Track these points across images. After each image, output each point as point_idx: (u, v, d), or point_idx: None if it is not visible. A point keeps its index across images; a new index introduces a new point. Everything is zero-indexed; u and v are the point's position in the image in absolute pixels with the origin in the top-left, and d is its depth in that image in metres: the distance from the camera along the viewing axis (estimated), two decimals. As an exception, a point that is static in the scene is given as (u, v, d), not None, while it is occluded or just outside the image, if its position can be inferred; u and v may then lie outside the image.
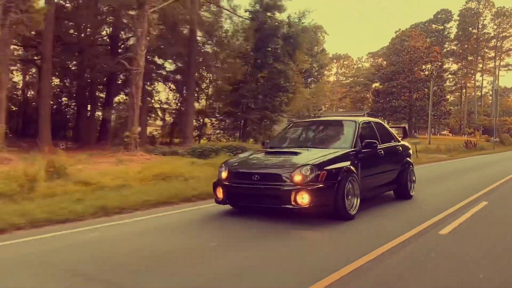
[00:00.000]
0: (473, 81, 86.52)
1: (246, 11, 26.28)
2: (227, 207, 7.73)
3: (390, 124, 54.54)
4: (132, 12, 19.51)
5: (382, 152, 8.58)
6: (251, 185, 6.83)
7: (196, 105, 28.87)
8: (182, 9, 21.55)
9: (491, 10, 77.43)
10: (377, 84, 73.52)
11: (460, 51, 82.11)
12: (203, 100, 30.44)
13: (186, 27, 23.75)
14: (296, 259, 4.74)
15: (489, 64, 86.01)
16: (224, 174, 7.41)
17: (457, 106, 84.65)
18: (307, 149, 7.74)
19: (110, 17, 23.78)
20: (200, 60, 25.53)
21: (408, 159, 9.88)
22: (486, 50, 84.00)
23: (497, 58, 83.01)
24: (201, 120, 31.22)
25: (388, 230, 5.97)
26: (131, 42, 24.71)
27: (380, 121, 9.96)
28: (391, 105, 60.81)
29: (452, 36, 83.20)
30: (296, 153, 7.49)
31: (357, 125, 8.21)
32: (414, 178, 9.94)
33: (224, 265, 4.56)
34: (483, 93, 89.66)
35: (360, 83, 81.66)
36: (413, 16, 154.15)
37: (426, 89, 59.00)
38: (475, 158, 27.28)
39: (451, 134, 77.95)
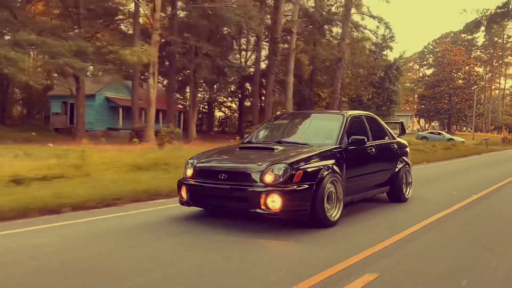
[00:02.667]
0: (497, 84, 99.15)
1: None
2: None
3: (433, 124, 69.83)
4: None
5: (373, 149, 7.75)
6: (217, 185, 6.09)
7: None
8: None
9: None
10: (421, 90, 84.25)
11: (487, 57, 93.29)
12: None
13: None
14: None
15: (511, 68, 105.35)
16: (189, 172, 6.68)
17: (482, 106, 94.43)
18: (286, 145, 7.03)
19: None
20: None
21: (404, 158, 9.00)
22: (511, 58, 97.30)
23: None
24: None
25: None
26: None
27: (373, 115, 8.80)
28: (435, 107, 73.54)
29: (479, 44, 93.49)
30: (271, 149, 6.71)
31: (345, 119, 7.35)
32: (410, 180, 9.04)
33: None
34: (505, 94, 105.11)
35: (406, 88, 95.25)
36: (442, 23, 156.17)
37: (464, 94, 71.45)
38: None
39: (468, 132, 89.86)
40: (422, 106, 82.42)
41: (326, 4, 38.61)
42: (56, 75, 27.21)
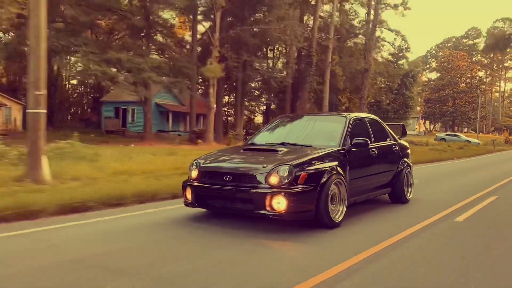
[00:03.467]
0: (497, 87, 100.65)
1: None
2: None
3: (434, 124, 75.91)
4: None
5: (376, 151, 7.47)
6: (222, 187, 5.89)
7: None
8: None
9: None
10: (427, 93, 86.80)
11: (487, 61, 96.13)
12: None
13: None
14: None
15: (511, 72, 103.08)
16: (194, 174, 6.39)
17: (484, 108, 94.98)
18: (290, 147, 6.76)
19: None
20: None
21: (405, 159, 8.65)
22: (510, 62, 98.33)
23: None
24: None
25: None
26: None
27: (375, 117, 8.56)
28: (440, 110, 77.88)
29: (480, 48, 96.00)
30: (275, 151, 6.47)
31: (348, 121, 7.11)
32: (411, 181, 8.73)
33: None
34: (504, 96, 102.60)
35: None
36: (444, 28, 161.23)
37: (467, 98, 75.45)
38: None
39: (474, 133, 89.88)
40: (428, 108, 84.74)
41: (349, 19, 42.42)
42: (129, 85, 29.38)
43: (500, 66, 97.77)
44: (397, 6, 40.62)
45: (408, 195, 8.53)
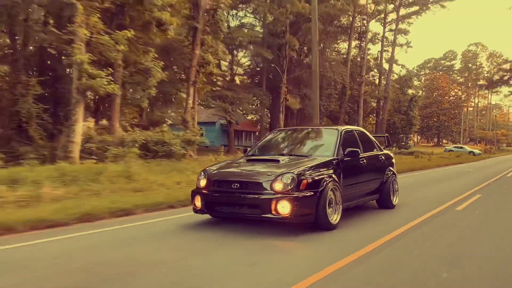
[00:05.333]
0: (472, 102, 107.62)
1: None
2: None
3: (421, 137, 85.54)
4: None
5: (365, 161, 7.45)
6: (231, 194, 5.98)
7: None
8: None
9: (485, 51, 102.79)
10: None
11: (462, 80, 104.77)
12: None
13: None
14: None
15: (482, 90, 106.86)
16: (202, 182, 6.37)
17: (464, 123, 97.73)
18: (289, 157, 6.78)
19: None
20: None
21: (391, 168, 8.50)
22: (482, 81, 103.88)
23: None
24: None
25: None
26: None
27: (363, 130, 8.60)
28: (427, 124, 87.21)
29: (456, 68, 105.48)
30: (277, 161, 6.48)
31: (340, 133, 7.19)
32: (397, 188, 8.52)
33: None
34: (478, 111, 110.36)
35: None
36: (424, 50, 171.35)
37: (450, 114, 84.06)
38: (499, 157, 48.00)
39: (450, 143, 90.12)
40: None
41: (372, 58, 53.66)
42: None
43: (474, 84, 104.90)
44: (402, 45, 54.38)
45: (394, 201, 8.25)
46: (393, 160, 9.00)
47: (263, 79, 37.56)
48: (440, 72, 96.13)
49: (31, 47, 17.55)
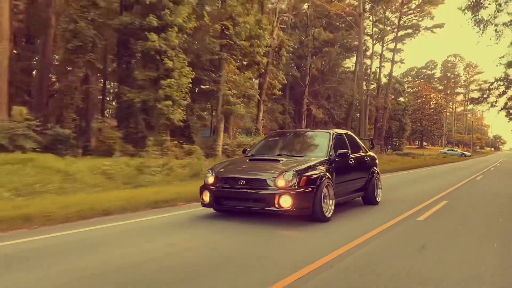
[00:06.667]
0: (450, 108, 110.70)
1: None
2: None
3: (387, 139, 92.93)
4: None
5: (353, 161, 7.69)
6: (237, 189, 6.33)
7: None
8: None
9: (463, 62, 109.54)
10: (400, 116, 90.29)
11: (441, 87, 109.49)
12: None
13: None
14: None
15: (460, 96, 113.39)
16: (210, 179, 6.63)
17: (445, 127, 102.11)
18: (287, 157, 7.05)
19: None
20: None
21: (375, 168, 8.60)
22: (459, 89, 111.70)
23: (466, 93, 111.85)
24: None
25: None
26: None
27: (351, 133, 8.75)
28: (412, 129, 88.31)
29: (437, 76, 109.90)
30: (277, 161, 6.81)
31: (331, 136, 7.50)
32: (380, 186, 8.62)
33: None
34: (455, 117, 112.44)
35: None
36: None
37: (432, 119, 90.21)
38: (477, 158, 52.74)
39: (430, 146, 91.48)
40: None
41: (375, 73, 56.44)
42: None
43: (452, 91, 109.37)
44: (397, 62, 60.86)
45: (377, 197, 8.33)
46: (377, 161, 9.13)
47: (287, 91, 41.20)
48: (422, 80, 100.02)
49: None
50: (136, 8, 18.78)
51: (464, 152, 62.07)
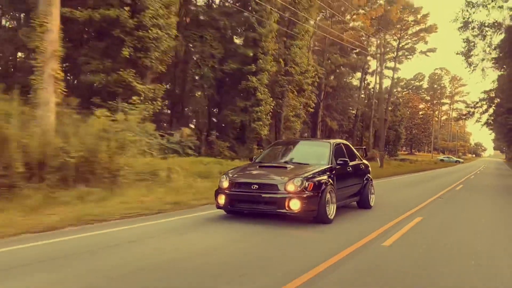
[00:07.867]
0: (436, 117, 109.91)
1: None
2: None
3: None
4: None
5: (350, 168, 8.02)
6: (251, 193, 6.59)
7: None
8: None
9: (448, 75, 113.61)
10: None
11: (428, 97, 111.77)
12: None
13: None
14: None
15: (445, 106, 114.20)
16: (225, 184, 6.73)
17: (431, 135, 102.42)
18: (293, 164, 7.21)
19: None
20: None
21: (368, 175, 8.62)
22: (445, 100, 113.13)
23: (451, 104, 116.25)
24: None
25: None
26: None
27: (348, 143, 8.90)
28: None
29: (424, 87, 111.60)
30: (285, 167, 6.93)
31: (332, 145, 7.75)
32: (373, 191, 8.60)
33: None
34: (441, 125, 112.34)
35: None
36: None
37: (421, 128, 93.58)
38: (466, 163, 59.15)
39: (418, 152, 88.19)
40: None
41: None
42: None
43: (438, 102, 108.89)
44: (395, 78, 58.42)
45: (371, 202, 8.28)
46: (370, 168, 9.10)
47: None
48: (410, 91, 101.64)
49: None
50: (235, 59, 25.94)
51: (458, 159, 66.63)
